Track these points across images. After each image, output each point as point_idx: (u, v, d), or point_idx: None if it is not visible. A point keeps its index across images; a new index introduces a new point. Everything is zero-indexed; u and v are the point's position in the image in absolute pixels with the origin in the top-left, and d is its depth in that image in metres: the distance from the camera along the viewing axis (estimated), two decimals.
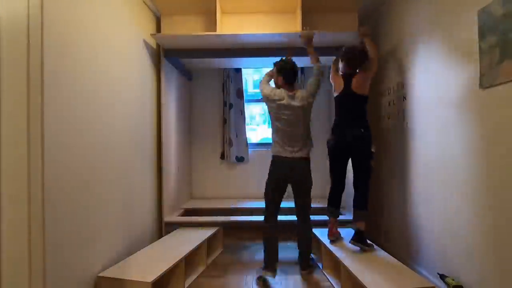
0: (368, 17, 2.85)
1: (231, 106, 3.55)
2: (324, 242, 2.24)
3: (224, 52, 2.70)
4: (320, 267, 2.29)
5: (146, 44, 2.49)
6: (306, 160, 2.15)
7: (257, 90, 3.68)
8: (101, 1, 1.80)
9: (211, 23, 2.57)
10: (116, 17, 1.99)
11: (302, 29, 2.41)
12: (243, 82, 3.61)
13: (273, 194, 2.14)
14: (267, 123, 4.06)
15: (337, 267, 2.00)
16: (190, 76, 3.55)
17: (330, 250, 2.11)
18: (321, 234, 2.41)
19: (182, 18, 2.66)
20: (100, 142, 1.77)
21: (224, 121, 3.58)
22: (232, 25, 2.63)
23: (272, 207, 2.15)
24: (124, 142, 2.06)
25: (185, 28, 2.64)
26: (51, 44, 1.36)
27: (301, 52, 2.44)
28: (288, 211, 3.09)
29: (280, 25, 2.62)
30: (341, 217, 2.84)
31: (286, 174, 2.12)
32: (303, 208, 2.18)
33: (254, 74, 4.03)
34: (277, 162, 2.13)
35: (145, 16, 2.47)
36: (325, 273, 2.18)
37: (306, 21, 2.53)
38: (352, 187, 2.28)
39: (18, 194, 1.25)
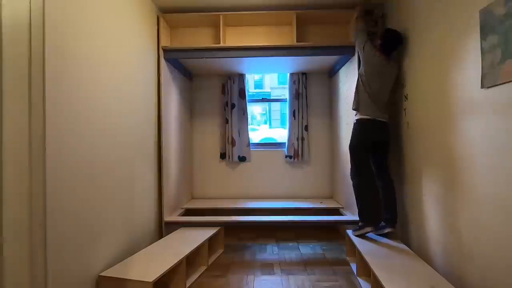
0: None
1: (233, 106, 3.55)
2: (359, 248, 2.07)
3: (224, 52, 2.74)
4: (355, 272, 2.17)
5: (147, 43, 2.49)
6: None
7: (258, 90, 3.72)
8: (102, 1, 1.81)
9: (216, 35, 2.84)
10: (117, 16, 1.99)
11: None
12: (245, 82, 3.62)
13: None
14: (268, 123, 4.08)
15: (369, 273, 1.88)
16: (190, 75, 3.56)
17: (363, 256, 1.97)
18: (357, 239, 2.25)
19: (190, 30, 2.92)
20: (101, 143, 1.77)
21: (226, 121, 3.58)
22: (234, 37, 2.88)
23: None
24: (125, 142, 2.06)
25: (194, 40, 2.90)
26: (53, 44, 1.37)
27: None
28: (288, 211, 3.11)
29: (278, 36, 2.85)
30: (344, 218, 2.85)
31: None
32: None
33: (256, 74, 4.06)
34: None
35: (146, 15, 2.48)
36: (359, 279, 2.06)
37: (301, 33, 2.79)
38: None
39: (20, 194, 1.25)
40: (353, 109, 2.37)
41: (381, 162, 2.32)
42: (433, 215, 1.90)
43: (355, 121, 2.33)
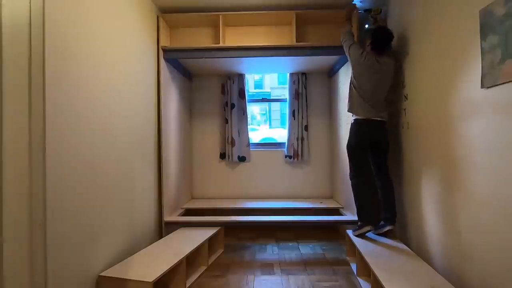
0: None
1: (233, 106, 3.55)
2: (359, 248, 2.07)
3: (224, 52, 2.74)
4: (355, 272, 2.17)
5: (146, 43, 2.49)
6: None
7: (258, 90, 3.73)
8: (102, 1, 1.81)
9: (216, 35, 2.84)
10: (117, 16, 1.99)
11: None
12: (245, 82, 3.62)
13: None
14: (267, 123, 4.09)
15: (369, 273, 1.88)
16: (190, 75, 3.56)
17: (363, 256, 1.96)
18: (357, 239, 2.24)
19: (190, 30, 2.92)
20: (101, 143, 1.77)
21: (226, 121, 3.58)
22: (234, 37, 2.88)
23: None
24: (125, 142, 2.06)
25: (193, 40, 2.90)
26: (53, 44, 1.37)
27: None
28: (288, 211, 3.11)
29: (277, 36, 2.86)
30: (344, 218, 2.85)
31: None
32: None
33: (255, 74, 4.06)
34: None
35: (146, 15, 2.48)
36: (359, 279, 2.06)
37: (301, 33, 2.79)
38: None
39: (20, 194, 1.25)
40: (348, 111, 2.39)
41: (380, 162, 2.32)
42: (433, 215, 1.91)
43: (352, 121, 2.34)
